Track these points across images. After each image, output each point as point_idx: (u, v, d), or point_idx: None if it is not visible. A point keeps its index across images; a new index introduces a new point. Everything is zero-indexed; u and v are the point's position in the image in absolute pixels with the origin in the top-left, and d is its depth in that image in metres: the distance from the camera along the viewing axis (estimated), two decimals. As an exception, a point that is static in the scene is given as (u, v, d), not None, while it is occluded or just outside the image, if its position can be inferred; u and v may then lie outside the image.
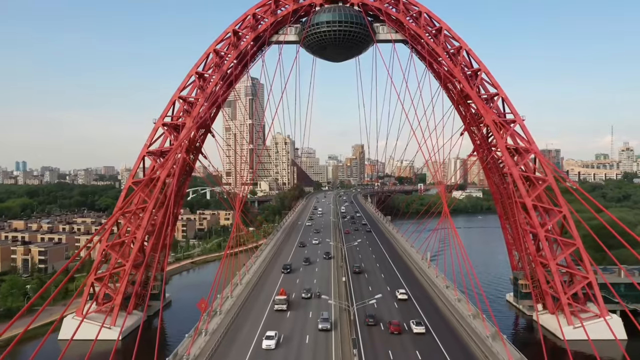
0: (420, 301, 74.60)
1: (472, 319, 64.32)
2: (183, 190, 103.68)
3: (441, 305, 73.45)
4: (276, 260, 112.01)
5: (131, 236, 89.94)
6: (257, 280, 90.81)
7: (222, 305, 72.74)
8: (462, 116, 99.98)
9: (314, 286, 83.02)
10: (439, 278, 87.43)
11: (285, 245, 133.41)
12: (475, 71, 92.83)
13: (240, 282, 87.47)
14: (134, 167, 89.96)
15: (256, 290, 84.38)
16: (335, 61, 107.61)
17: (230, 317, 67.70)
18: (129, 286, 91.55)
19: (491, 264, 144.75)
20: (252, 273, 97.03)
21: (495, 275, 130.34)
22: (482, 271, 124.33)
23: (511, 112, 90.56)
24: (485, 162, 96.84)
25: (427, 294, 79.94)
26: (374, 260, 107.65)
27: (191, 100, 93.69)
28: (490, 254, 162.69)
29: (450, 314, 69.28)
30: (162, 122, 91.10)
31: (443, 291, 79.13)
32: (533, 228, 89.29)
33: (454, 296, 74.55)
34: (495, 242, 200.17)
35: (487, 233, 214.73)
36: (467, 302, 71.10)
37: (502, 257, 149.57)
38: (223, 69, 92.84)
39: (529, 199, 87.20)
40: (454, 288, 77.81)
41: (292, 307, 72.69)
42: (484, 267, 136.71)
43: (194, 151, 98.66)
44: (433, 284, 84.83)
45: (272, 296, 77.28)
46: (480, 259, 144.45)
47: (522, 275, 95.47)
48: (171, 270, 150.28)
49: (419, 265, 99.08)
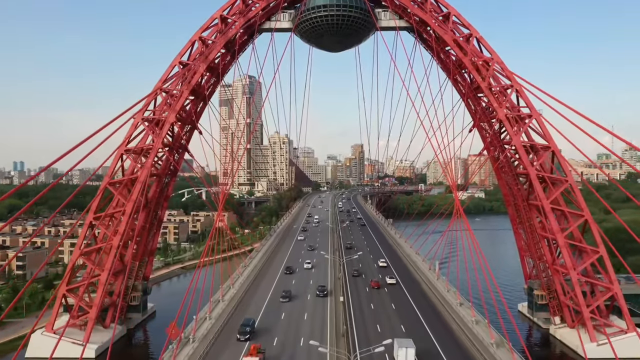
0: (432, 325, 66.03)
1: (495, 348, 56.36)
2: (167, 192, 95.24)
3: (456, 328, 64.74)
4: (259, 283, 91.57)
5: (108, 243, 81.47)
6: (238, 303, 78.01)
7: (196, 330, 63.46)
8: (471, 111, 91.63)
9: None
10: (451, 293, 78.55)
11: (269, 269, 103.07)
12: (486, 61, 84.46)
13: (222, 298, 78.29)
14: (111, 167, 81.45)
15: (239, 310, 74.02)
16: (332, 51, 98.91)
17: (205, 348, 57.77)
18: (106, 297, 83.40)
19: (498, 270, 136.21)
20: (237, 287, 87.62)
21: (503, 282, 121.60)
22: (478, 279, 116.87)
23: (527, 106, 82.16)
24: (497, 161, 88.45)
25: (439, 315, 70.73)
26: (376, 272, 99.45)
27: (175, 93, 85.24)
28: (495, 259, 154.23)
29: (467, 339, 61.01)
30: (142, 117, 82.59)
31: (456, 309, 70.25)
32: (550, 233, 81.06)
33: (471, 317, 65.72)
34: (499, 245, 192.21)
35: (489, 236, 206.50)
36: (488, 327, 62.06)
37: (509, 262, 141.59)
38: (209, 58, 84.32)
39: (546, 202, 78.88)
40: (469, 307, 69.15)
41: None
42: (488, 274, 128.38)
43: (178, 149, 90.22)
44: (443, 300, 75.74)
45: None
46: (481, 264, 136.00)
47: (538, 285, 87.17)
48: (160, 277, 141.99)
49: (427, 277, 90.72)
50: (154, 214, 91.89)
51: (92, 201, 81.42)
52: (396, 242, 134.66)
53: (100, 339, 77.78)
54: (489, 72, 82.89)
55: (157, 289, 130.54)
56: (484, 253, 76.06)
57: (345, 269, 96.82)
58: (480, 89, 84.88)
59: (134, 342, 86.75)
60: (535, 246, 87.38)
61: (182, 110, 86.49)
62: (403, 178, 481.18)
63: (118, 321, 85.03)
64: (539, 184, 79.22)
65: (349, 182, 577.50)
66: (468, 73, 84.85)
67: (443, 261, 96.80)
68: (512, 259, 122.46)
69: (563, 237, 78.26)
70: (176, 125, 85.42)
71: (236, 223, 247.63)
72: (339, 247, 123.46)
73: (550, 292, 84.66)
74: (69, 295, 78.63)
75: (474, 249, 74.14)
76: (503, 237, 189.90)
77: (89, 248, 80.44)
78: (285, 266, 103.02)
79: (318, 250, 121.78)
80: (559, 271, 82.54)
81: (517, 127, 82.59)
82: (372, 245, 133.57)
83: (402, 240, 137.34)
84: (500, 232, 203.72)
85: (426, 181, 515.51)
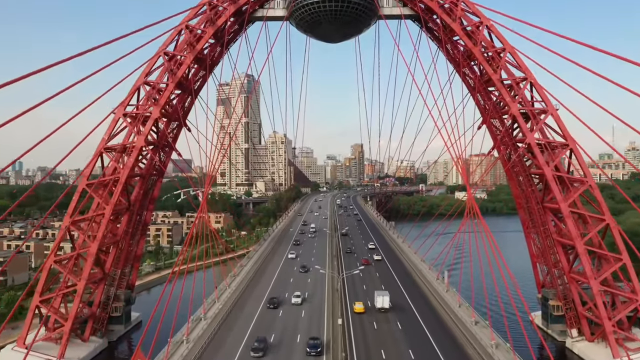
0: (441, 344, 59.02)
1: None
2: (153, 194, 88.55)
3: (472, 353, 57.67)
4: (232, 324, 68.86)
5: (86, 249, 74.78)
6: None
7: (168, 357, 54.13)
8: (480, 107, 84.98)
9: None
10: (464, 309, 70.73)
11: (248, 299, 79.55)
12: (498, 51, 77.80)
13: (204, 315, 69.41)
14: (89, 166, 74.69)
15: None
16: (331, 41, 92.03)
17: None
18: (85, 308, 76.79)
19: (506, 275, 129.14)
20: (222, 302, 77.73)
21: (512, 290, 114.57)
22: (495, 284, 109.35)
23: (542, 100, 75.48)
24: (510, 161, 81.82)
25: (448, 331, 63.76)
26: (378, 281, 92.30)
27: (159, 86, 78.57)
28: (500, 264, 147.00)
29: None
30: (123, 112, 75.86)
31: (471, 329, 62.81)
32: (568, 239, 74.48)
33: (490, 340, 58.38)
34: (503, 248, 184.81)
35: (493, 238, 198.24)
36: (512, 354, 55.03)
37: (515, 267, 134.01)
38: (197, 48, 77.59)
39: (565, 204, 72.24)
40: (486, 326, 62.11)
41: None
42: (498, 279, 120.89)
43: (164, 147, 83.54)
44: (456, 317, 67.60)
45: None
46: (490, 269, 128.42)
47: (553, 295, 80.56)
48: (150, 282, 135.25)
49: (433, 287, 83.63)
50: (138, 218, 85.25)
51: (71, 205, 74.87)
52: (399, 247, 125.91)
53: (77, 354, 71.33)
54: (501, 64, 76.23)
55: (147, 295, 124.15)
56: (493, 257, 69.70)
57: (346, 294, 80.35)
58: (491, 81, 78.27)
59: (116, 355, 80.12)
60: (549, 252, 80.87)
61: (167, 105, 79.83)
62: (403, 178, 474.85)
63: (98, 333, 79.10)
64: (556, 185, 72.61)
65: (349, 182, 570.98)
66: (478, 64, 78.18)
67: (452, 268, 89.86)
68: (519, 263, 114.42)
69: (582, 243, 71.68)
70: (161, 121, 78.67)
71: (232, 224, 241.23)
72: (338, 264, 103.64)
73: (566, 302, 78.12)
74: (42, 306, 71.95)
75: (482, 252, 68.12)
76: (507, 240, 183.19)
77: (64, 255, 73.86)
78: (268, 297, 77.37)
79: (313, 272, 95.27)
80: (576, 280, 76.08)
81: (531, 124, 76.06)
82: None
83: (406, 245, 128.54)
84: (504, 235, 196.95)
85: (427, 181, 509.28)
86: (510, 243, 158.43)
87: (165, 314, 62.99)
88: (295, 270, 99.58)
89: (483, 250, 72.62)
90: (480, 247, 72.80)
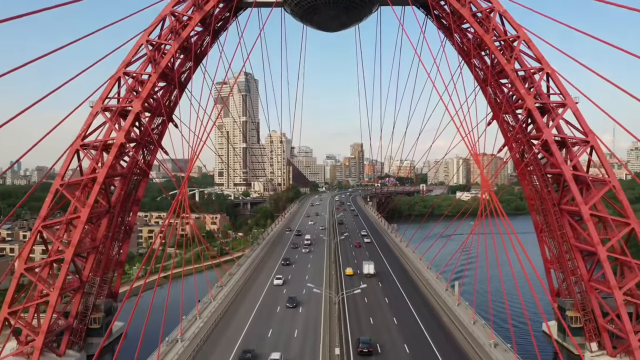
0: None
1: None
2: (138, 194, 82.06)
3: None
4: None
5: (60, 255, 68.31)
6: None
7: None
8: (490, 101, 78.47)
9: None
10: (478, 326, 61.78)
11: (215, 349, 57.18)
12: (511, 40, 71.35)
13: (180, 337, 58.97)
14: (64, 164, 68.14)
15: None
16: (329, 30, 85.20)
17: None
18: (61, 319, 70.34)
19: (511, 280, 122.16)
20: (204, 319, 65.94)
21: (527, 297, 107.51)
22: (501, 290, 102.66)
23: (560, 93, 69.03)
24: (524, 160, 75.40)
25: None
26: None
27: (141, 78, 72.10)
28: (506, 267, 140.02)
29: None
30: (101, 106, 69.31)
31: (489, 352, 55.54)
32: (587, 244, 68.11)
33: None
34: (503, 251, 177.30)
35: (497, 240, 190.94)
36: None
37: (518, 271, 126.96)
38: (183, 36, 71.02)
39: (585, 207, 65.79)
40: (506, 349, 55.22)
41: None
42: (507, 284, 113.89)
43: (147, 145, 77.06)
44: (472, 338, 58.09)
45: None
46: (495, 273, 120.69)
47: (571, 305, 74.13)
48: (139, 287, 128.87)
49: (436, 291, 77.27)
50: (120, 220, 78.76)
51: (43, 207, 68.36)
52: (403, 253, 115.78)
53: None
54: (515, 53, 69.74)
55: (135, 300, 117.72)
56: (485, 261, 63.85)
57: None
58: (503, 73, 71.79)
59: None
60: (565, 258, 74.47)
61: (150, 99, 73.31)
62: (403, 178, 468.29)
63: (75, 347, 72.69)
64: (576, 186, 66.14)
65: (348, 182, 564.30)
66: (490, 54, 71.63)
67: (464, 275, 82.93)
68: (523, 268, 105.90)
69: (604, 249, 65.26)
70: (143, 116, 72.09)
71: (229, 225, 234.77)
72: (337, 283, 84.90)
73: (585, 313, 71.70)
74: (11, 318, 65.43)
75: (494, 255, 61.77)
76: (508, 242, 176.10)
77: (35, 262, 67.45)
78: (239, 353, 53.64)
79: (305, 306, 71.85)
80: (596, 289, 69.68)
81: (547, 118, 69.64)
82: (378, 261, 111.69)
83: (410, 250, 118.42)
84: (506, 237, 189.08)
85: (427, 181, 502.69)
86: (511, 245, 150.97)
87: (147, 325, 56.72)
88: (280, 307, 71.81)
89: (494, 253, 66.56)
90: (496, 249, 66.66)
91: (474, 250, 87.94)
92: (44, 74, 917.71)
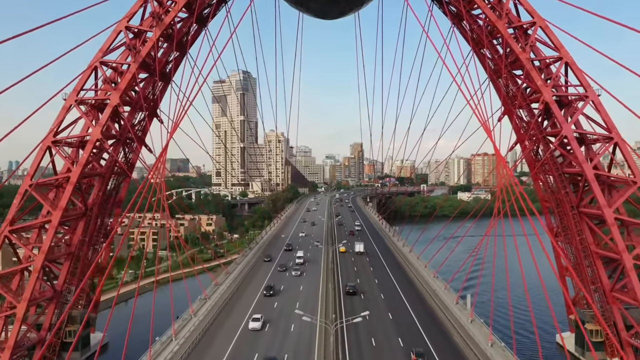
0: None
1: None
2: (119, 196, 75.72)
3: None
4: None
5: (30, 263, 62.02)
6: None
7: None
8: (502, 94, 72.20)
9: None
10: (496, 349, 52.95)
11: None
12: (525, 27, 65.08)
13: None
14: (34, 163, 61.78)
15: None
16: (326, 17, 78.72)
17: None
18: (32, 332, 64.06)
19: (518, 286, 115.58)
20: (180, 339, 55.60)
21: (525, 301, 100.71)
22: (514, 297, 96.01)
23: (580, 85, 62.75)
24: (537, 157, 69.13)
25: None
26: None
27: (120, 68, 65.77)
28: (512, 270, 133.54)
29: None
30: (75, 98, 62.96)
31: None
32: (610, 251, 61.90)
33: None
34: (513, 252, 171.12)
35: (499, 242, 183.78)
36: None
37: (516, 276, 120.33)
38: (166, 22, 64.66)
39: (609, 210, 59.54)
40: None
41: None
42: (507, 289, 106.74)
43: (127, 142, 70.68)
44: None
45: None
46: (499, 277, 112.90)
47: (591, 317, 67.82)
48: (128, 293, 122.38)
49: (444, 304, 70.04)
50: (100, 223, 72.43)
51: (11, 210, 62.00)
52: (406, 259, 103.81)
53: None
54: (530, 41, 63.44)
55: (124, 307, 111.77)
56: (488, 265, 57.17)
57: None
58: (517, 63, 65.50)
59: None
60: (584, 265, 68.25)
61: (131, 91, 67.01)
62: (404, 179, 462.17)
63: (49, 363, 66.39)
64: (599, 187, 59.86)
65: (348, 182, 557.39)
66: (503, 42, 65.28)
67: (478, 283, 76.13)
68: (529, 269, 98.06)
69: (631, 257, 58.99)
70: (122, 109, 65.66)
71: (225, 227, 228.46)
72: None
73: (607, 326, 65.38)
74: (-26, 333, 59.16)
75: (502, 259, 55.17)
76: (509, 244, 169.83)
77: (5, 270, 61.18)
78: None
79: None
80: (620, 299, 63.47)
81: (568, 113, 63.40)
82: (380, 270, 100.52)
83: (413, 255, 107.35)
84: (509, 238, 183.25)
85: (427, 181, 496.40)
86: (513, 248, 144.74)
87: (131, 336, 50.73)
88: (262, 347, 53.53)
89: (505, 257, 60.21)
90: (506, 254, 60.43)
91: (483, 255, 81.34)
92: (11, 62, 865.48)
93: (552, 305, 76.92)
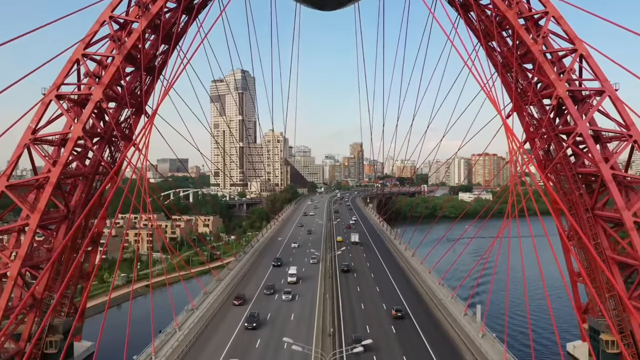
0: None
1: None
2: (106, 197, 71.42)
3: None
4: None
5: (6, 270, 57.86)
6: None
7: None
8: (510, 89, 68.07)
9: None
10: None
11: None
12: (537, 17, 60.97)
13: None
14: (10, 162, 57.65)
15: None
16: (324, 8, 74.48)
17: None
18: (9, 342, 60.02)
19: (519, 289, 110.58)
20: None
21: (537, 308, 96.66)
22: (518, 302, 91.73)
23: (596, 79, 58.66)
24: (552, 158, 65.01)
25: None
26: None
27: (104, 61, 61.61)
28: (515, 272, 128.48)
29: None
30: (55, 93, 58.81)
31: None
32: (629, 257, 57.86)
33: None
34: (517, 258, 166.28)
35: (502, 242, 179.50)
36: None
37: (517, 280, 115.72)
38: (152, 11, 60.54)
39: (628, 213, 55.50)
40: None
41: None
42: (515, 294, 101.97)
43: (112, 140, 66.50)
44: None
45: None
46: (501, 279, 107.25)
47: (606, 327, 63.68)
48: (120, 297, 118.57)
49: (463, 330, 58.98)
50: (84, 227, 68.28)
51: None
52: (410, 265, 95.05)
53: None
54: (543, 31, 59.32)
55: (117, 311, 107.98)
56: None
57: None
58: (528, 56, 61.44)
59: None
60: (598, 271, 64.20)
61: (115, 86, 62.86)
62: (404, 179, 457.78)
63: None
64: (617, 189, 55.77)
65: (347, 182, 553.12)
66: (514, 34, 61.17)
67: (490, 288, 71.54)
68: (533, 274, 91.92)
69: (652, 263, 54.99)
70: (105, 105, 61.47)
71: (222, 228, 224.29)
72: None
73: (624, 336, 61.39)
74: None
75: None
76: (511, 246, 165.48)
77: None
78: None
79: None
80: (638, 308, 59.38)
81: (583, 109, 59.30)
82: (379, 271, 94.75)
83: (417, 260, 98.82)
84: (513, 240, 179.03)
85: (428, 182, 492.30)
86: (515, 249, 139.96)
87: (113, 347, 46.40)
88: None
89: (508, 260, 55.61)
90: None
91: (495, 258, 75.94)
92: (12, 63, 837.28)
93: (564, 313, 72.34)
